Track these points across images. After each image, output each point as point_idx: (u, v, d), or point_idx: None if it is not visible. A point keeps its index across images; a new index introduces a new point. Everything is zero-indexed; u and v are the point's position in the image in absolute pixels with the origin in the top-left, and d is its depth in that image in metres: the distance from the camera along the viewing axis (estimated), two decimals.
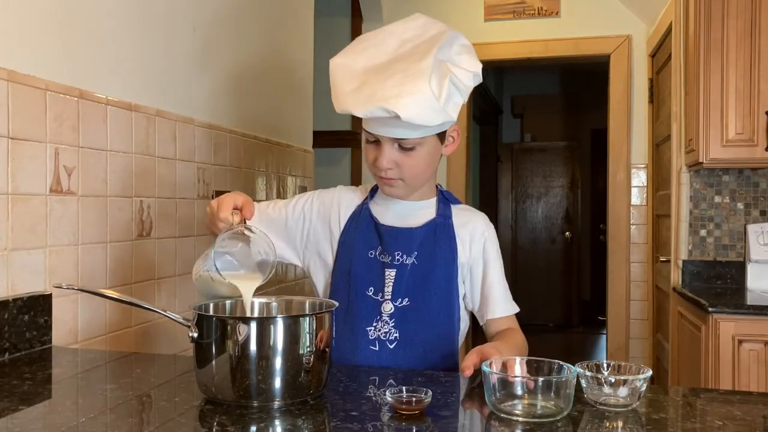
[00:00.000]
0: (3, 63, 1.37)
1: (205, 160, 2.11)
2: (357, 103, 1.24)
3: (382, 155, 1.32)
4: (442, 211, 1.43)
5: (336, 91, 1.28)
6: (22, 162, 1.40)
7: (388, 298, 1.36)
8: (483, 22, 4.06)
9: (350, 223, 1.44)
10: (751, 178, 2.84)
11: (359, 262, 1.39)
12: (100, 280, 1.63)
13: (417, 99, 1.20)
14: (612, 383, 1.00)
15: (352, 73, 1.28)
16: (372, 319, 1.36)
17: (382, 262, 1.39)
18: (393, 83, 1.22)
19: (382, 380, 1.18)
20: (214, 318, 1.06)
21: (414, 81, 1.21)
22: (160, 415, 1.02)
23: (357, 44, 1.33)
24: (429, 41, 1.28)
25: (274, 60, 2.64)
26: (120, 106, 1.71)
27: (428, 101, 1.21)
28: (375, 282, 1.38)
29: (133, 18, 1.78)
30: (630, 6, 3.88)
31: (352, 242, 1.42)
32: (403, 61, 1.25)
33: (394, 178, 1.35)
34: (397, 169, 1.33)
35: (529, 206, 7.15)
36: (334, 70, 1.30)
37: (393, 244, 1.39)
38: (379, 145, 1.33)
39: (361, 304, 1.37)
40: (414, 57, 1.25)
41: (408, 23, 1.33)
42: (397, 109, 1.19)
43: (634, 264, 3.95)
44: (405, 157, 1.32)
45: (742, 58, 2.54)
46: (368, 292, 1.37)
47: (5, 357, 1.32)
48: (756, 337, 2.27)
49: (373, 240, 1.41)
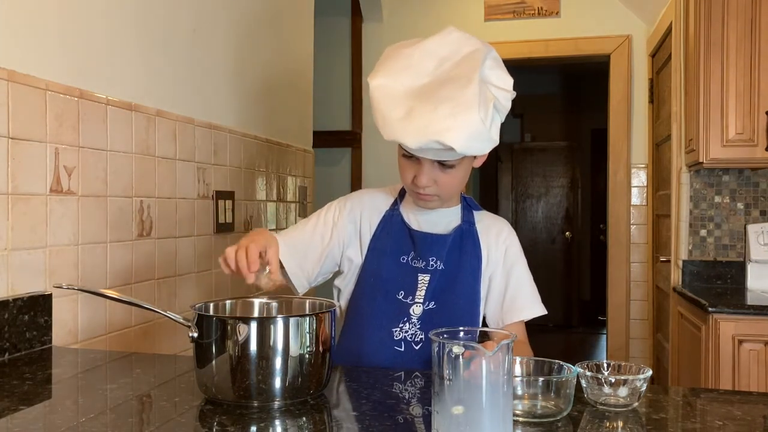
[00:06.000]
0: (3, 63, 1.37)
1: (205, 160, 2.11)
2: (408, 135, 1.23)
3: (423, 174, 1.33)
4: (466, 218, 1.47)
5: (383, 117, 1.26)
6: (22, 162, 1.40)
7: (419, 301, 1.39)
8: (483, 22, 4.06)
9: (381, 227, 1.46)
10: (751, 178, 2.83)
11: (390, 266, 1.41)
12: (100, 280, 1.63)
13: (470, 131, 1.21)
14: (612, 383, 1.00)
15: (395, 96, 1.26)
16: (399, 321, 1.38)
17: (415, 267, 1.41)
18: (443, 114, 1.22)
19: (382, 380, 1.18)
20: (214, 318, 1.06)
21: (465, 113, 1.21)
22: (160, 415, 1.02)
23: (393, 63, 1.31)
24: (467, 61, 1.28)
25: (274, 60, 2.64)
26: (120, 106, 1.71)
27: (479, 132, 1.23)
28: (406, 286, 1.40)
29: (133, 18, 1.78)
30: (630, 6, 3.88)
31: (384, 247, 1.44)
32: (448, 85, 1.25)
33: (431, 194, 1.37)
34: (435, 187, 1.35)
35: (529, 206, 7.15)
36: (376, 92, 1.28)
37: (427, 250, 1.41)
38: (417, 163, 1.34)
39: (389, 307, 1.39)
40: (458, 82, 1.24)
41: (443, 39, 1.32)
42: (452, 143, 1.21)
43: (634, 264, 3.95)
44: (443, 175, 1.34)
45: (742, 58, 2.54)
46: (398, 296, 1.40)
47: (5, 357, 1.32)
48: (756, 337, 2.27)
49: (406, 245, 1.43)
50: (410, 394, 1.12)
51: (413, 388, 1.16)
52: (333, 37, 4.27)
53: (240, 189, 2.33)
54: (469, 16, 4.08)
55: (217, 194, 2.17)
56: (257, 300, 1.22)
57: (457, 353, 0.78)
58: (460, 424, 0.78)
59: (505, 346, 0.79)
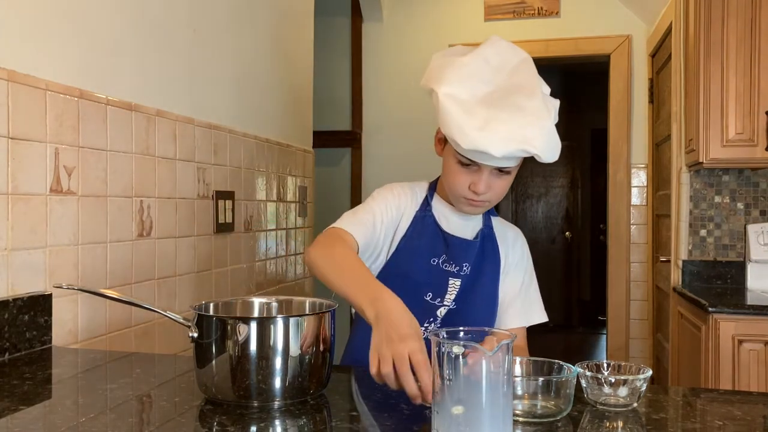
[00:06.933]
0: (3, 63, 1.37)
1: (205, 160, 2.11)
2: (492, 144, 1.25)
3: (482, 181, 1.34)
4: (486, 222, 1.49)
5: (460, 126, 1.27)
6: (22, 162, 1.40)
7: (447, 304, 1.40)
8: (483, 22, 4.06)
9: (412, 227, 1.44)
10: (751, 178, 2.83)
11: (421, 267, 1.41)
12: (100, 280, 1.63)
13: (548, 138, 1.27)
14: (612, 383, 1.00)
15: (467, 105, 1.28)
16: (424, 321, 1.39)
17: (446, 270, 1.41)
18: (523, 123, 1.25)
19: None
20: (214, 318, 1.06)
21: (541, 121, 1.26)
22: (160, 415, 1.02)
23: (454, 71, 1.31)
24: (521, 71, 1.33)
25: (274, 60, 2.64)
26: (120, 106, 1.71)
27: (554, 138, 1.28)
28: (436, 288, 1.41)
29: (133, 18, 1.78)
30: (630, 6, 3.88)
31: (416, 247, 1.43)
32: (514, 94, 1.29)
33: (485, 200, 1.38)
34: (490, 193, 1.37)
35: (529, 206, 7.15)
36: (446, 101, 1.29)
37: (460, 256, 1.42)
38: (474, 170, 1.34)
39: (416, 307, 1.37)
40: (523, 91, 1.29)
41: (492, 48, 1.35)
42: (537, 151, 1.25)
43: (634, 264, 3.95)
44: (499, 181, 1.36)
45: (742, 58, 2.54)
46: (426, 297, 1.40)
47: (5, 357, 1.32)
48: (756, 337, 2.27)
49: (438, 247, 1.43)
50: None
51: None
52: (333, 37, 4.27)
53: (240, 189, 2.33)
54: (469, 16, 4.08)
55: (217, 194, 2.17)
56: (257, 300, 1.22)
57: (457, 353, 0.78)
58: (460, 424, 0.78)
59: (505, 346, 0.79)
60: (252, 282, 2.41)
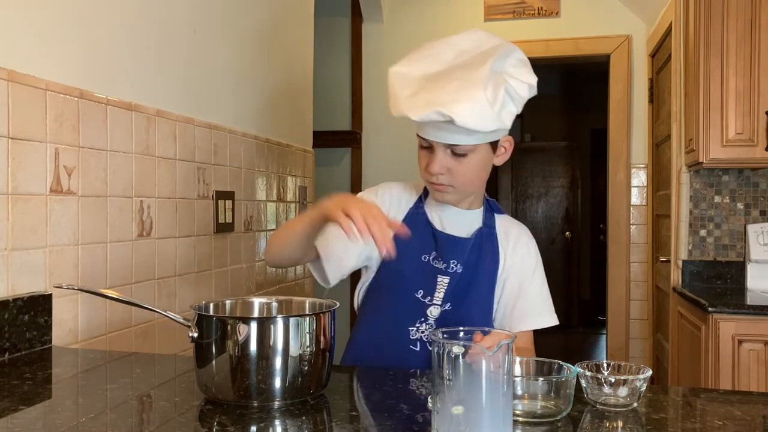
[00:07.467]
0: (3, 63, 1.37)
1: (205, 160, 2.11)
2: (414, 108, 1.25)
3: (435, 161, 1.34)
4: (487, 221, 1.46)
5: (393, 96, 1.30)
6: (22, 162, 1.40)
7: (437, 303, 1.39)
8: (483, 22, 4.06)
9: (405, 223, 1.42)
10: (751, 178, 2.84)
11: (411, 264, 1.40)
12: (100, 280, 1.63)
13: (472, 105, 1.22)
14: (612, 383, 1.00)
15: (409, 80, 1.30)
16: (415, 321, 1.38)
17: (435, 267, 1.40)
18: (449, 90, 1.24)
19: (382, 380, 1.18)
20: (214, 318, 1.06)
21: (470, 88, 1.23)
22: (160, 415, 1.02)
23: (415, 54, 1.35)
24: (486, 52, 1.30)
25: (274, 60, 2.64)
26: (120, 106, 1.71)
27: (483, 107, 1.23)
28: (426, 286, 1.40)
29: (133, 18, 1.78)
30: (630, 6, 3.88)
31: (407, 243, 1.40)
32: (460, 69, 1.27)
33: (444, 184, 1.37)
34: (449, 176, 1.35)
35: (529, 206, 7.15)
36: (393, 77, 1.32)
37: (449, 252, 1.41)
38: (432, 151, 1.35)
39: (407, 306, 1.39)
40: (471, 67, 1.27)
41: (466, 35, 1.35)
42: (452, 113, 1.21)
43: (634, 264, 3.95)
44: (457, 164, 1.34)
45: (742, 58, 2.54)
46: (417, 294, 1.39)
47: (5, 357, 1.32)
48: (756, 337, 2.27)
49: (428, 245, 1.42)
50: (410, 394, 1.12)
51: (413, 388, 1.16)
52: (333, 37, 4.27)
53: (240, 189, 2.34)
54: (469, 16, 4.08)
55: (217, 194, 2.17)
56: (257, 300, 1.22)
57: (457, 353, 0.78)
58: (460, 424, 0.78)
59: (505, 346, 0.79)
60: (252, 282, 2.41)
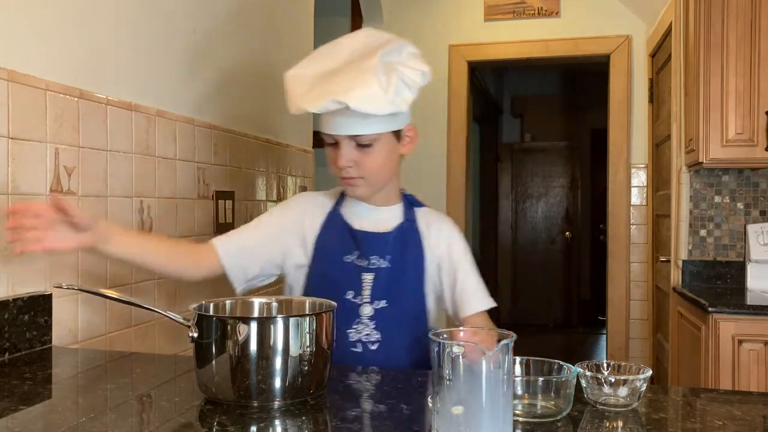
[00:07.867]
0: (3, 63, 1.37)
1: (205, 160, 2.11)
2: (310, 101, 1.32)
3: (341, 155, 1.38)
4: (407, 216, 1.49)
5: (291, 96, 1.37)
6: (22, 162, 1.40)
7: (366, 301, 1.41)
8: (483, 22, 4.06)
9: (324, 227, 1.48)
10: (751, 178, 2.84)
11: (336, 266, 1.43)
12: (100, 280, 1.63)
13: (366, 89, 1.29)
14: (612, 383, 1.00)
15: (305, 79, 1.37)
16: (351, 322, 1.40)
17: (359, 266, 1.43)
18: (343, 80, 1.31)
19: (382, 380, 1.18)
20: (214, 318, 1.06)
21: (362, 75, 1.30)
22: (160, 415, 1.02)
23: (309, 58, 1.43)
24: (376, 47, 1.36)
25: (274, 60, 2.64)
26: (120, 106, 1.71)
27: (376, 92, 1.29)
28: (353, 285, 1.42)
29: (133, 18, 1.78)
30: (630, 6, 3.88)
31: (328, 247, 1.46)
32: (354, 63, 1.35)
33: (354, 177, 1.40)
34: (356, 168, 1.39)
35: (529, 206, 7.15)
36: (289, 80, 1.39)
37: (369, 249, 1.43)
38: (338, 147, 1.39)
39: (340, 308, 1.38)
40: (362, 59, 1.34)
41: (357, 35, 1.44)
42: (347, 99, 1.27)
43: (634, 264, 3.95)
44: (363, 155, 1.38)
45: (742, 58, 2.54)
46: (347, 296, 1.41)
47: (5, 357, 1.32)
48: (756, 337, 2.27)
49: (349, 245, 1.45)
50: (410, 394, 1.12)
51: (413, 388, 1.16)
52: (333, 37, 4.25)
53: (240, 189, 2.34)
54: (469, 16, 4.08)
55: (217, 194, 2.17)
56: (257, 300, 1.22)
57: (457, 353, 0.78)
58: (460, 424, 0.78)
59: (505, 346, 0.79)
60: None
